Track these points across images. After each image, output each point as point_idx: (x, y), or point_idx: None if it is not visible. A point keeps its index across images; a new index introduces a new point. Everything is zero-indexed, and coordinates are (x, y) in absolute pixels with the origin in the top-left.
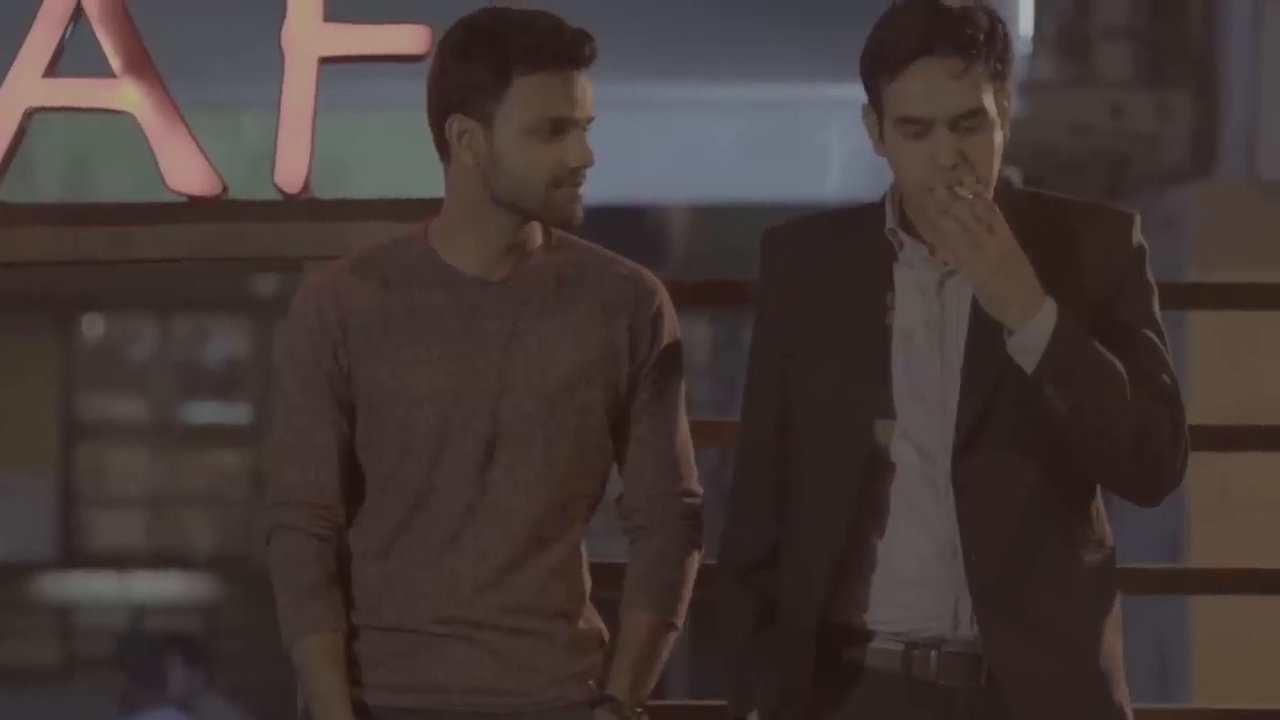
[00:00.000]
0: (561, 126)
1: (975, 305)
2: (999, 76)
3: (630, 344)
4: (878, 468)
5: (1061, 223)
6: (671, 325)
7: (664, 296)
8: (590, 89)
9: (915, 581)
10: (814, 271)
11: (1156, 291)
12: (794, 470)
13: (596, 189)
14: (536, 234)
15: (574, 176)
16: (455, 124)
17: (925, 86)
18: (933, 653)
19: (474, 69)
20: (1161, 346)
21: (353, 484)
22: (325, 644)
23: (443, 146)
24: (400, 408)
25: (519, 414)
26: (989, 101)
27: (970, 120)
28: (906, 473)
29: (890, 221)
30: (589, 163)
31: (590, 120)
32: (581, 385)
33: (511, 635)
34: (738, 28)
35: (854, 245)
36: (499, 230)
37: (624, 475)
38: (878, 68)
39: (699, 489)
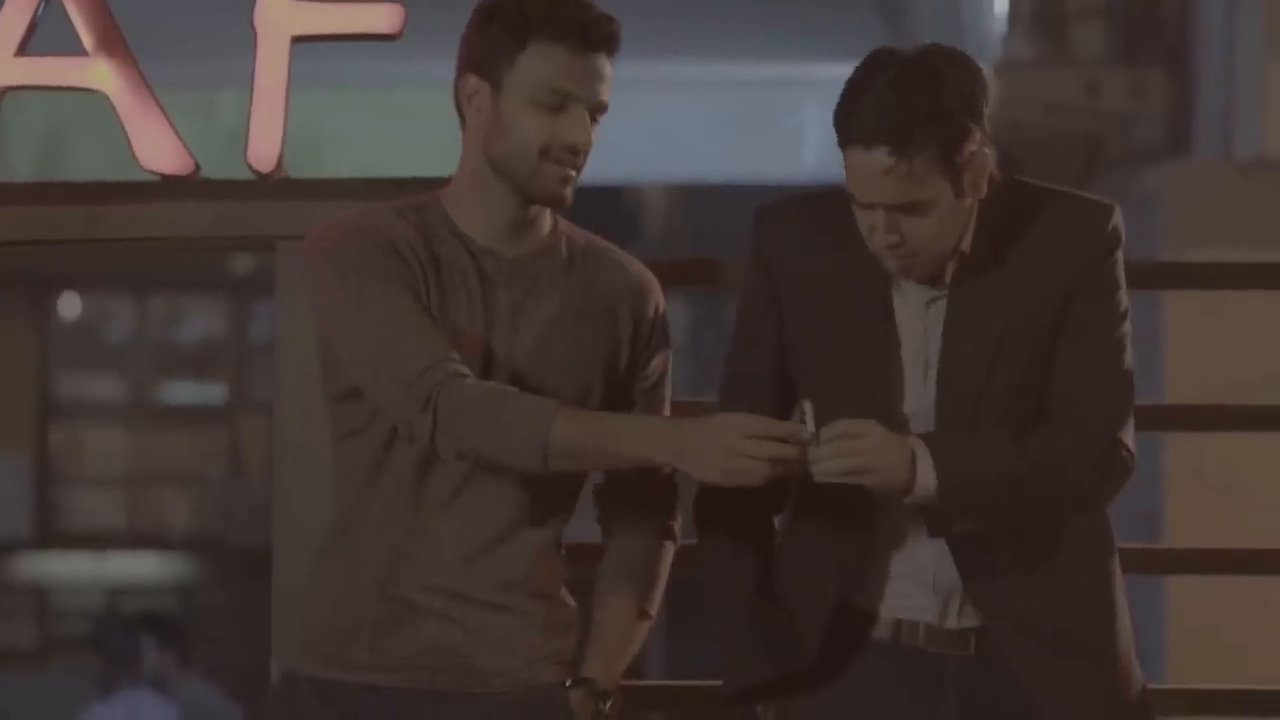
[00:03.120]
0: (565, 102)
1: (945, 335)
2: (947, 160)
3: (632, 334)
4: None
5: (1037, 212)
6: (665, 319)
7: (660, 292)
8: (609, 78)
9: (909, 576)
10: (810, 262)
11: (1124, 286)
12: None
13: None
14: (545, 217)
15: (567, 154)
16: (468, 83)
17: (859, 176)
18: (921, 624)
19: (494, 31)
20: (1118, 351)
21: (360, 457)
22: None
23: (460, 109)
24: None
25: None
26: (933, 188)
27: (910, 206)
28: None
29: None
30: (585, 143)
31: (601, 110)
32: (582, 369)
33: (491, 610)
34: (712, 6)
35: (851, 243)
36: (503, 203)
37: None
38: (836, 131)
39: (677, 479)
